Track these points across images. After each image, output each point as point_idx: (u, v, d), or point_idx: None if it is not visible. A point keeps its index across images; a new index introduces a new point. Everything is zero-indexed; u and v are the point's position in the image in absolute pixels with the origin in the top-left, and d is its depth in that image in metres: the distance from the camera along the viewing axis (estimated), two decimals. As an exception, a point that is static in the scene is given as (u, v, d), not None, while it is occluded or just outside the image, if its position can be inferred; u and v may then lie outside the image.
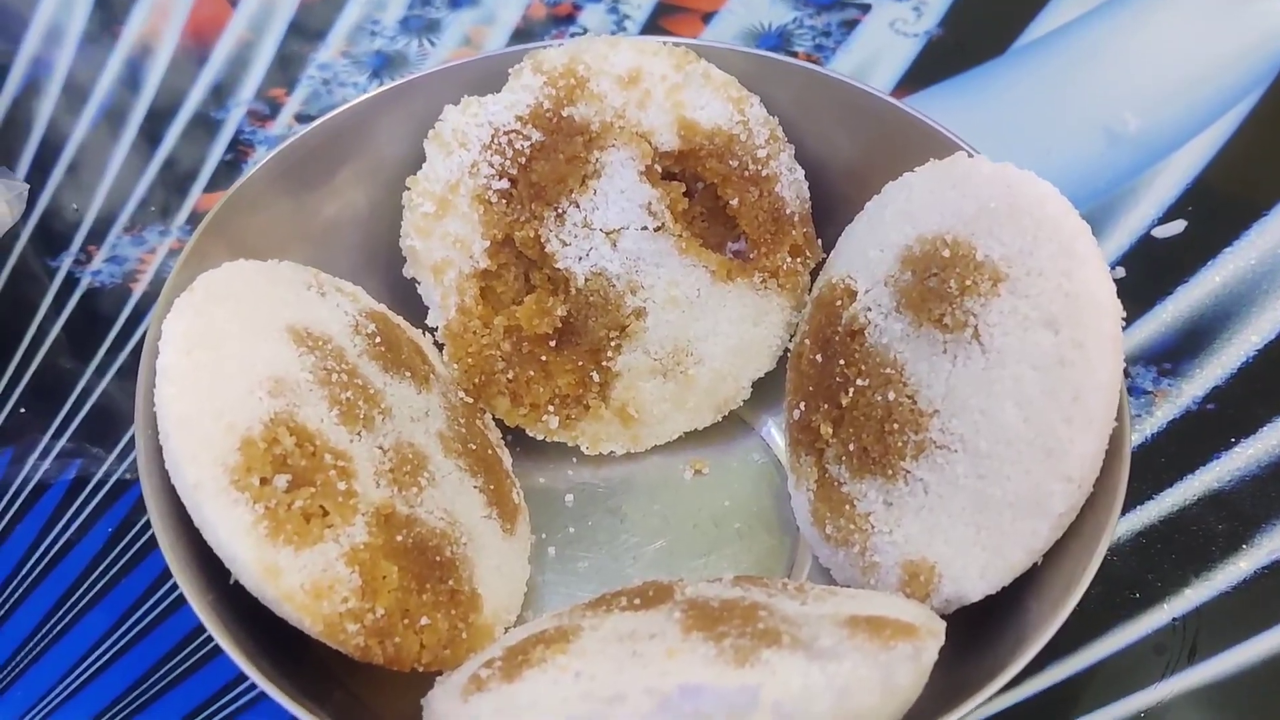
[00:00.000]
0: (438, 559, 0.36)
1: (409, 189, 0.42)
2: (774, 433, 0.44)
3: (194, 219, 0.52)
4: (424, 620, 0.34)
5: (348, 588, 0.33)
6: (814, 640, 0.30)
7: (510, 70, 0.41)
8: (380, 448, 0.36)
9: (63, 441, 0.46)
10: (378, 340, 0.39)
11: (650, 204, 0.41)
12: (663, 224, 0.41)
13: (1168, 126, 0.55)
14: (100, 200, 0.52)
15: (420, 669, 0.35)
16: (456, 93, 0.42)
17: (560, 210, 0.41)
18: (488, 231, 0.41)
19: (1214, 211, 0.52)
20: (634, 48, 0.41)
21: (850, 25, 0.58)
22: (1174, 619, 0.41)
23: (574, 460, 0.44)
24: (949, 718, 0.31)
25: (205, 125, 0.55)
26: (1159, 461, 0.45)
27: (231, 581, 0.33)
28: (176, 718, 0.40)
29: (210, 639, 0.40)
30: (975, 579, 0.34)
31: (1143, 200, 0.53)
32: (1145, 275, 0.50)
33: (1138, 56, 0.57)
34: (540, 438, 0.43)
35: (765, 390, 0.44)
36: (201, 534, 0.32)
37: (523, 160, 0.41)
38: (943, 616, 0.34)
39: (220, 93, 0.56)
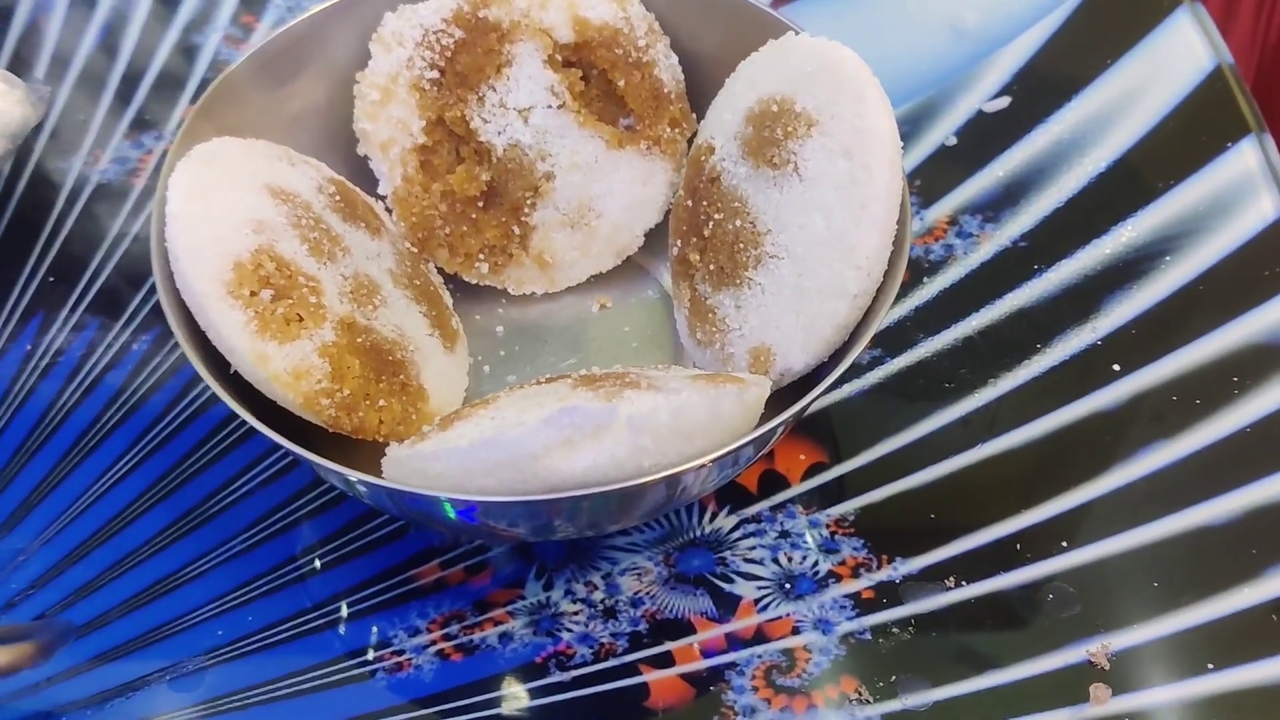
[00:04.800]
0: (390, 359, 0.46)
1: (359, 82, 0.52)
2: (664, 274, 0.55)
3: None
4: (381, 402, 0.45)
5: (321, 372, 0.43)
6: (665, 385, 0.40)
7: (436, -18, 0.51)
8: (342, 275, 0.46)
9: (82, 308, 0.56)
10: (337, 198, 0.49)
11: (553, 86, 0.51)
12: (564, 103, 0.52)
13: (1002, 21, 0.66)
14: (104, 110, 0.62)
15: (380, 440, 0.45)
16: (394, 2, 0.52)
17: (480, 94, 0.51)
18: (423, 113, 0.51)
19: (1036, 91, 0.63)
20: (535, -40, 0.51)
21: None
22: (982, 405, 0.52)
23: (503, 301, 0.54)
24: (763, 427, 0.41)
25: (189, 48, 0.65)
26: (980, 287, 0.56)
27: (231, 372, 0.43)
28: (197, 498, 0.50)
29: (212, 444, 0.51)
30: (799, 354, 0.45)
31: (979, 83, 0.64)
32: (976, 144, 0.61)
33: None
34: (474, 282, 0.54)
35: (656, 240, 0.54)
36: (207, 335, 0.43)
37: (449, 54, 0.51)
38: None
39: (200, 21, 0.66)
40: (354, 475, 0.40)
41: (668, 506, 0.45)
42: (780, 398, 0.45)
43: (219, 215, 0.44)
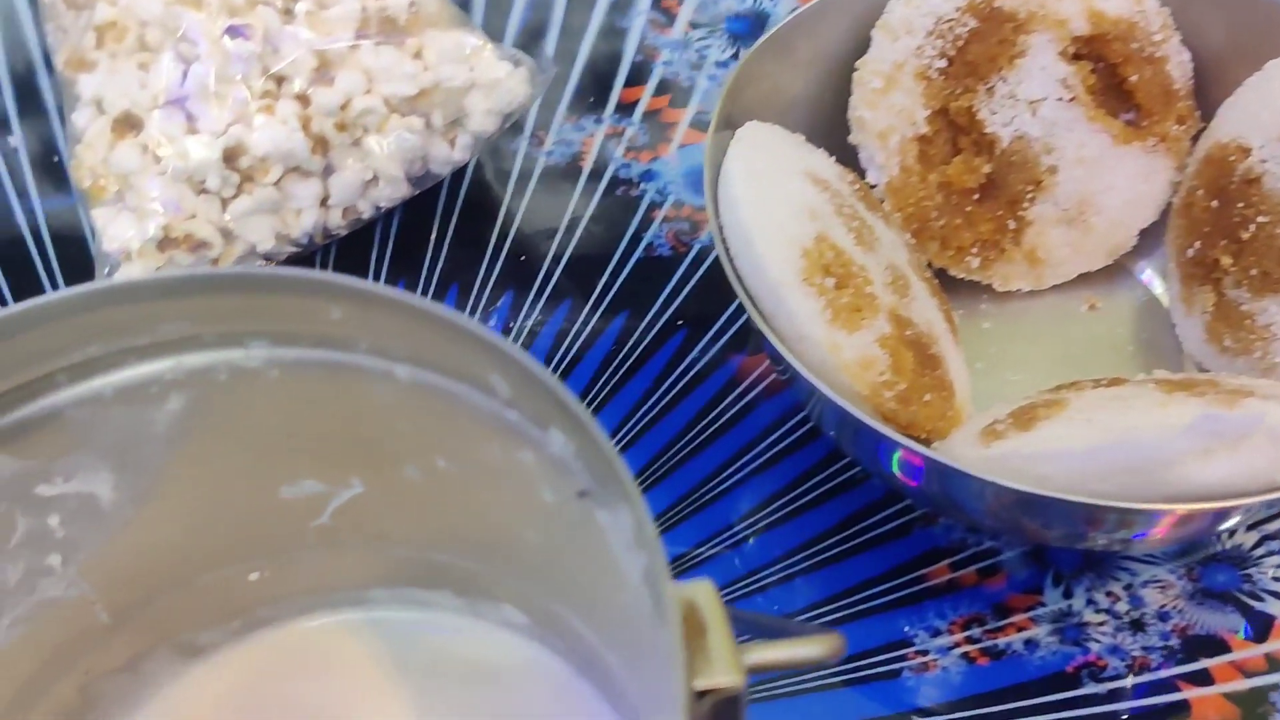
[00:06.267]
0: (928, 353, 0.45)
1: (858, 69, 0.51)
2: (1150, 274, 0.53)
3: (620, 108, 0.62)
4: (926, 397, 0.44)
5: (884, 364, 0.43)
6: (1274, 393, 0.39)
7: (951, -31, 0.50)
8: (881, 265, 0.46)
9: (549, 289, 0.56)
10: (857, 187, 0.49)
11: (1065, 79, 0.50)
12: (1075, 96, 0.50)
13: None
14: (542, 94, 0.62)
15: (922, 436, 0.44)
16: (886, -8, 0.51)
17: (990, 85, 0.50)
18: (928, 103, 0.50)
19: None
20: (1056, -51, 0.50)
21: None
22: None
23: (984, 297, 0.53)
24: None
25: (615, 33, 0.65)
26: None
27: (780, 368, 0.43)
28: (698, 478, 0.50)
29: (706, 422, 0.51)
30: (1380, 365, 0.43)
31: None
32: None
33: None
34: (961, 276, 0.52)
35: (1143, 239, 0.52)
36: (774, 321, 0.42)
37: (960, 43, 0.50)
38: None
39: (623, 4, 0.66)
40: (970, 470, 0.39)
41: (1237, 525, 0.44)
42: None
43: (780, 201, 0.44)
